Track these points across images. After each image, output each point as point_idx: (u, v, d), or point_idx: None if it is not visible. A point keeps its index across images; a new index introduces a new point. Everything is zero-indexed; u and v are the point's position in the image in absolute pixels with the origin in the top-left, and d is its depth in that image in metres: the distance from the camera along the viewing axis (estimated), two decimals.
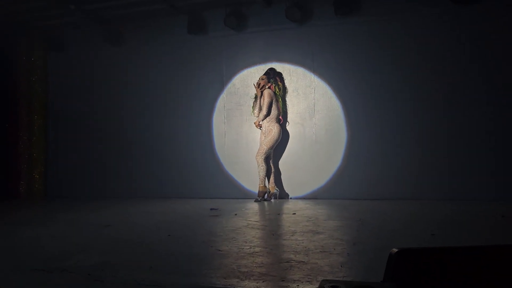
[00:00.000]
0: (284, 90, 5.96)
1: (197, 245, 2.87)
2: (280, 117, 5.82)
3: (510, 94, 5.19)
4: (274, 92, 5.80)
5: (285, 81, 6.00)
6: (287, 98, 6.02)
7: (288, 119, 6.02)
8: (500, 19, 5.25)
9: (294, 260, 2.32)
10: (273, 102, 5.75)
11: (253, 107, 5.96)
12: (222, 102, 6.34)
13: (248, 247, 2.71)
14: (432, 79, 5.49)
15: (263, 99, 5.72)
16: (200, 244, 2.92)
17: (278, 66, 5.98)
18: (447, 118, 5.41)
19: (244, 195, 6.06)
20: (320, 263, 2.26)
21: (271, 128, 5.70)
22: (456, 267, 1.31)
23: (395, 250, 1.32)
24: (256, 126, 5.81)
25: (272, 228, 3.68)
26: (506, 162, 5.16)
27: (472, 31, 5.33)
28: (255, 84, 5.87)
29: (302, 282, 1.92)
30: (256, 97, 5.88)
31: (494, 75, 5.26)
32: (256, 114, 5.89)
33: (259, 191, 5.65)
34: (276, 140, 5.70)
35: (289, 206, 5.13)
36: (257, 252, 2.56)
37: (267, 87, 5.78)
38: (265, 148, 5.64)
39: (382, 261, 1.33)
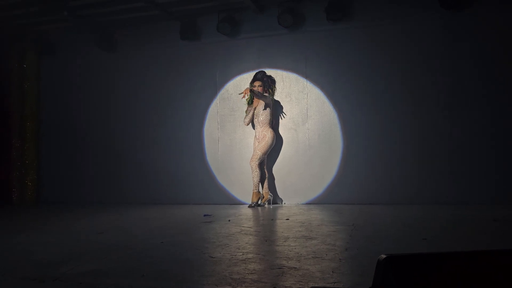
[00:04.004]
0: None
1: (190, 252, 2.87)
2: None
3: (507, 98, 5.24)
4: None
5: (278, 87, 6.01)
6: (281, 103, 6.05)
7: (281, 125, 6.04)
8: (491, 23, 5.32)
9: (286, 266, 2.33)
10: (270, 107, 5.75)
11: (245, 116, 5.92)
12: (215, 108, 6.35)
13: (241, 253, 2.72)
14: (425, 83, 5.54)
15: (262, 93, 5.67)
16: (193, 250, 2.91)
17: (271, 72, 5.99)
18: (441, 123, 5.45)
19: (237, 200, 6.07)
20: (311, 269, 2.27)
21: (265, 134, 5.71)
22: (444, 272, 1.32)
23: (383, 256, 1.34)
24: (245, 92, 5.46)
25: (265, 234, 3.68)
26: (503, 165, 5.21)
27: (464, 35, 5.40)
28: (255, 91, 5.58)
29: None
30: (248, 104, 5.87)
31: (488, 79, 5.32)
32: (246, 123, 5.89)
33: (253, 197, 5.65)
34: (270, 146, 5.71)
35: (282, 211, 5.14)
36: (249, 259, 2.56)
37: (265, 94, 5.75)
38: (259, 153, 5.65)
39: (374, 267, 1.34)
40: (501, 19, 5.30)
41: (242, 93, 5.52)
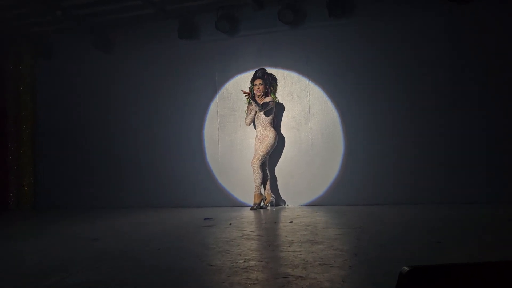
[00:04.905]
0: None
1: (187, 259, 2.70)
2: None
3: (507, 96, 5.07)
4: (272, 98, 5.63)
5: (280, 85, 5.82)
6: (282, 102, 5.88)
7: (283, 124, 5.86)
8: (492, 21, 5.15)
9: (291, 275, 2.15)
10: (273, 110, 5.59)
11: (246, 115, 5.75)
12: (215, 108, 6.18)
13: (242, 260, 2.54)
14: (428, 81, 5.37)
15: (264, 99, 5.53)
16: (191, 258, 2.74)
17: (272, 70, 5.80)
18: (445, 122, 5.28)
19: (239, 203, 5.90)
20: (319, 278, 2.09)
21: (267, 134, 5.54)
22: (474, 285, 1.15)
23: (406, 269, 1.16)
24: (247, 93, 5.34)
25: (268, 238, 3.51)
26: (504, 164, 5.04)
27: (468, 31, 5.23)
28: (254, 92, 5.47)
29: None
30: (249, 103, 5.69)
31: (490, 78, 5.15)
32: (248, 123, 5.72)
33: (255, 199, 5.48)
34: (272, 146, 5.54)
35: (286, 213, 4.97)
36: (251, 267, 2.39)
37: (267, 97, 5.58)
38: (261, 154, 5.48)
39: (386, 273, 1.18)
40: (503, 17, 5.12)
41: (247, 93, 5.35)
